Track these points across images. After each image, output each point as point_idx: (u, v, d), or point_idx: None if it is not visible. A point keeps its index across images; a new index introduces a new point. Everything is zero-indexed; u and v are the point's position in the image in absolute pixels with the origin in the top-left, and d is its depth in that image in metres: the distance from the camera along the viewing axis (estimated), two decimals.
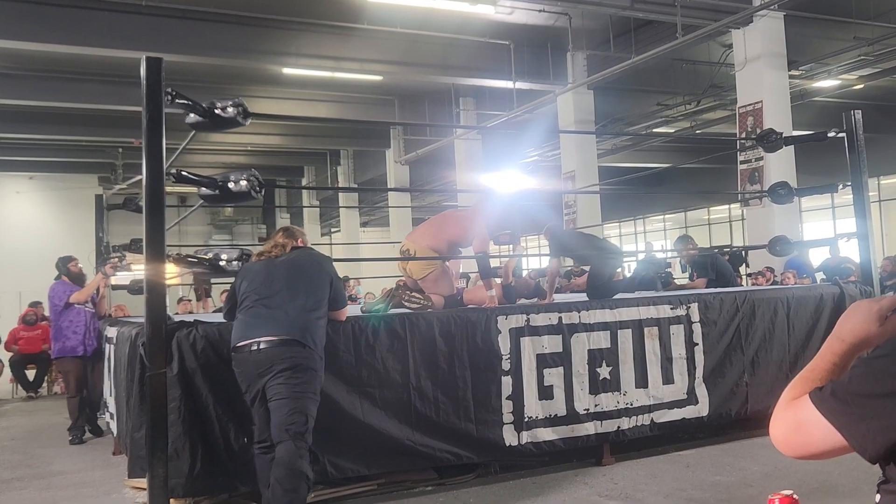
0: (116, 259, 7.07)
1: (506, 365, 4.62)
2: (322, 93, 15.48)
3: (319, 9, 11.47)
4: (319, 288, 3.85)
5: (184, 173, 3.98)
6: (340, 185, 22.14)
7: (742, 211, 10.75)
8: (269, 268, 3.87)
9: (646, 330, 5.09)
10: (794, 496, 1.35)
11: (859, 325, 1.28)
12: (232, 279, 4.10)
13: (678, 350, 5.17)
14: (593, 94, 13.60)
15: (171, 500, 3.81)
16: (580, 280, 12.42)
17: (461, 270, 11.79)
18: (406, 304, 4.99)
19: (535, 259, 20.63)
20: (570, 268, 13.38)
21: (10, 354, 10.85)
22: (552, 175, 17.50)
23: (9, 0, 9.99)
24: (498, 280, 6.13)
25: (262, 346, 3.58)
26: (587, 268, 11.29)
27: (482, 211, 5.45)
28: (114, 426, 5.54)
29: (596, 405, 4.85)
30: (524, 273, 7.71)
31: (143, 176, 3.84)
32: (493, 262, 6.14)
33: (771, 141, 6.34)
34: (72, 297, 6.84)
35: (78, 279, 7.09)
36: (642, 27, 11.89)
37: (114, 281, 7.50)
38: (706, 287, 7.11)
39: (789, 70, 10.73)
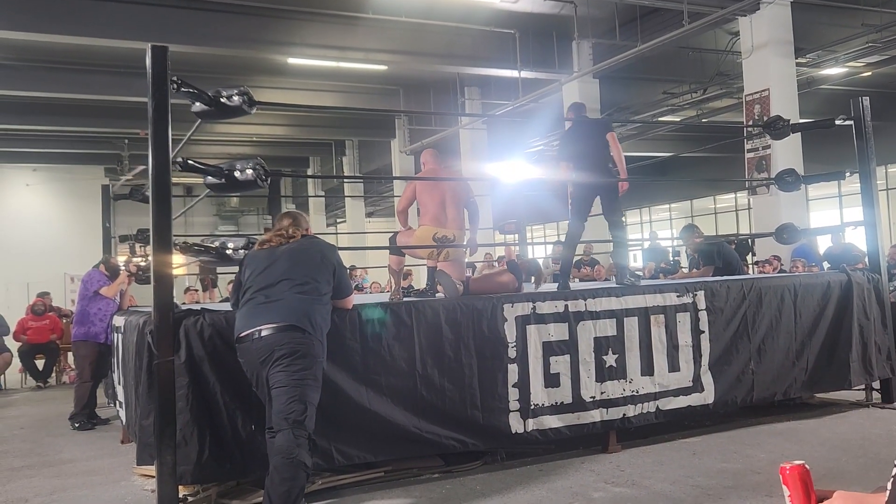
0: (143, 259, 7.22)
1: (512, 353, 4.62)
2: (327, 83, 15.47)
3: None
4: (320, 275, 3.85)
5: (190, 162, 3.99)
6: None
7: (749, 200, 10.74)
8: (272, 257, 3.88)
9: (652, 318, 5.08)
10: (806, 465, 1.34)
11: None
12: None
13: (684, 338, 5.17)
14: (599, 82, 13.56)
15: (180, 487, 3.85)
16: (588, 270, 12.43)
17: (466, 260, 11.80)
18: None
19: (540, 247, 20.63)
20: (579, 257, 13.39)
21: (19, 344, 10.91)
22: (558, 164, 17.45)
23: None
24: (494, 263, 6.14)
25: (262, 334, 3.59)
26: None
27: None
28: (122, 414, 5.58)
29: (602, 393, 4.86)
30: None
31: (150, 165, 3.85)
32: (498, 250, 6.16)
33: (778, 128, 6.32)
34: (102, 289, 7.10)
35: (114, 272, 7.34)
36: (648, 15, 11.84)
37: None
38: (713, 275, 7.11)
39: (796, 57, 10.68)
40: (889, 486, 1.22)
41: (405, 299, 5.06)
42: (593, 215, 13.32)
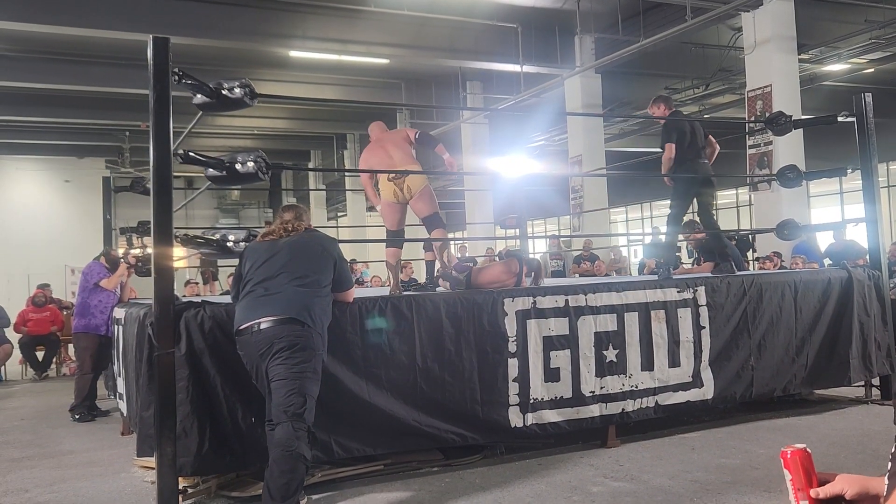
0: (140, 249, 7.21)
1: (512, 347, 4.63)
2: (329, 76, 15.45)
3: None
4: (321, 268, 3.85)
5: (191, 154, 3.98)
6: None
7: (750, 196, 10.72)
8: (273, 249, 3.88)
9: (652, 313, 5.08)
10: (807, 449, 1.33)
11: None
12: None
13: (685, 333, 5.17)
14: (601, 77, 13.54)
15: (180, 479, 3.85)
16: (588, 266, 12.43)
17: (467, 254, 11.80)
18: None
19: (542, 242, 20.63)
20: (579, 252, 13.39)
21: (20, 336, 10.92)
22: (559, 159, 17.45)
23: None
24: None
25: (262, 326, 3.60)
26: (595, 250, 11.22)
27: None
28: (123, 406, 5.59)
29: (602, 388, 4.86)
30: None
31: (151, 157, 3.85)
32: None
33: (780, 124, 6.31)
34: (102, 281, 7.10)
35: (114, 264, 7.34)
36: (651, 10, 11.81)
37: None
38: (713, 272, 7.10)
39: (799, 54, 10.65)
40: (886, 480, 1.22)
41: (405, 293, 5.06)
42: (594, 210, 13.24)
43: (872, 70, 13.28)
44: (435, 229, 5.38)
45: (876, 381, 6.17)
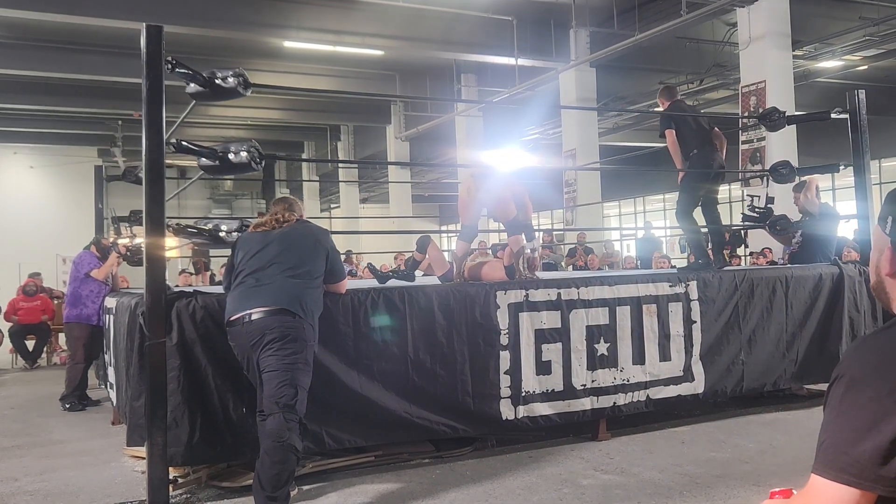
0: (129, 239, 7.17)
1: (504, 340, 4.63)
2: (323, 67, 15.39)
3: None
4: (313, 259, 3.84)
5: (184, 143, 3.97)
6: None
7: (742, 191, 10.75)
8: (265, 240, 3.87)
9: (644, 307, 5.10)
10: (794, 491, 1.33)
11: None
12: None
13: (676, 327, 5.19)
14: (595, 71, 13.53)
15: (170, 469, 3.85)
16: (581, 254, 12.44)
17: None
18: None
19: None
20: (573, 245, 13.41)
21: (10, 325, 10.88)
22: (553, 153, 17.46)
23: None
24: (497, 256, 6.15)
25: (253, 317, 3.59)
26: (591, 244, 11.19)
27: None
28: (113, 396, 5.57)
29: (593, 381, 4.88)
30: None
31: (143, 146, 3.83)
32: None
33: (773, 119, 6.32)
34: (93, 271, 7.06)
35: (105, 253, 7.30)
36: (646, 4, 11.81)
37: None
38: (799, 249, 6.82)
39: (793, 50, 10.66)
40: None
41: (392, 284, 5.06)
42: (587, 204, 13.24)
43: (866, 67, 13.31)
44: (511, 236, 5.32)
45: None
